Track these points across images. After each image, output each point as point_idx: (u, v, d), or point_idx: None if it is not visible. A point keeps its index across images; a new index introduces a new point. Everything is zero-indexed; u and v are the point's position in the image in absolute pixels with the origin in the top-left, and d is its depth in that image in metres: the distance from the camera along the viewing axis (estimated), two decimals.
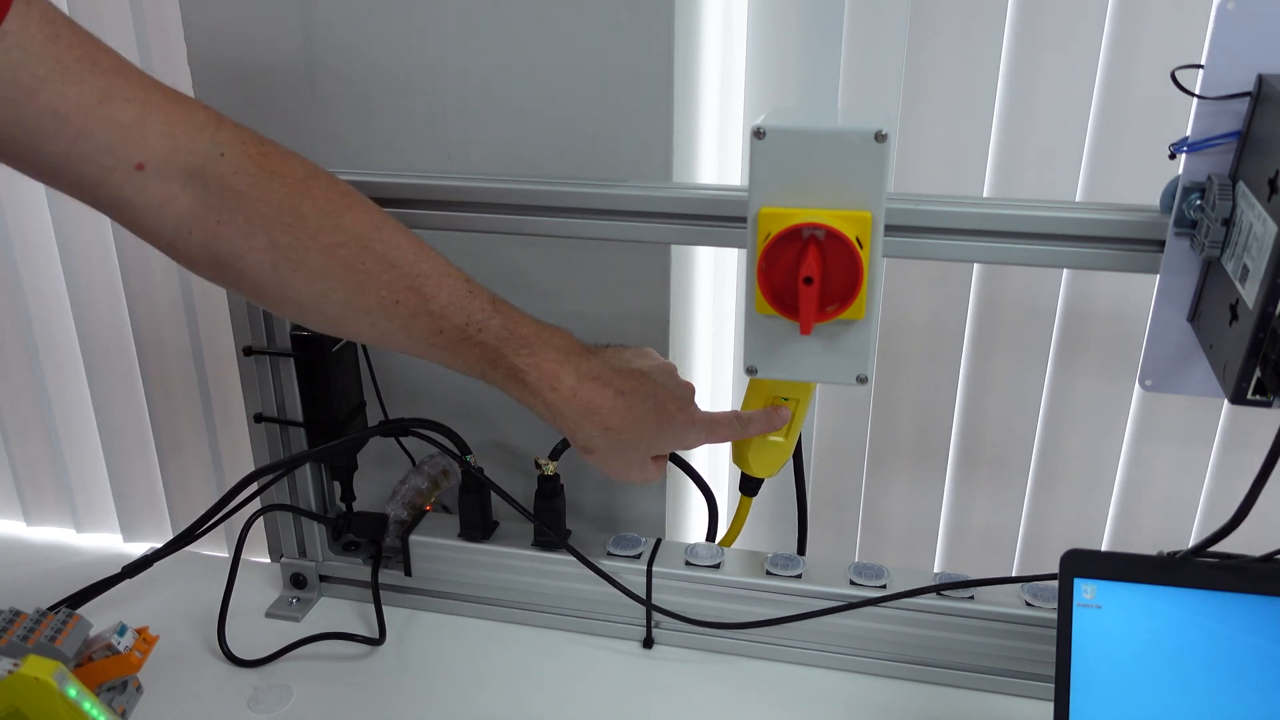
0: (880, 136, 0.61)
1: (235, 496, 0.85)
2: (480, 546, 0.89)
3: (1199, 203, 0.62)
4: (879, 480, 1.04)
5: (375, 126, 0.89)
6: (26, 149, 0.58)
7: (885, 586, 0.82)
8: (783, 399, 0.77)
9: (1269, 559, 0.65)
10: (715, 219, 0.74)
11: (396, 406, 0.98)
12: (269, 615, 0.93)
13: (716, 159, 0.96)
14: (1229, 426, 0.95)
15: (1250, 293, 0.54)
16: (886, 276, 0.94)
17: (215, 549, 1.14)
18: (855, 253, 0.63)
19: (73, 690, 0.63)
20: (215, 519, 0.85)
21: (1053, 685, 0.67)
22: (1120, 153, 0.87)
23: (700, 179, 0.93)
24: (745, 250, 0.66)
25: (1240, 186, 0.59)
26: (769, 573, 0.84)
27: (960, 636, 0.81)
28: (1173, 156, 0.63)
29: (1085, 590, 0.67)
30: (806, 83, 0.91)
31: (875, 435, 1.02)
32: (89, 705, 0.63)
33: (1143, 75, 0.84)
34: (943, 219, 0.70)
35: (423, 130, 0.88)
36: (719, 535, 0.92)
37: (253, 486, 0.87)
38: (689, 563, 0.85)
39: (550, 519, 0.86)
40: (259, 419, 0.89)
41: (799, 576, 0.83)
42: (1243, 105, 0.60)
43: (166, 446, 1.18)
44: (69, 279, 1.12)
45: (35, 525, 1.24)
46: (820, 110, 0.89)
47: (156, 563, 0.85)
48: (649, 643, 0.88)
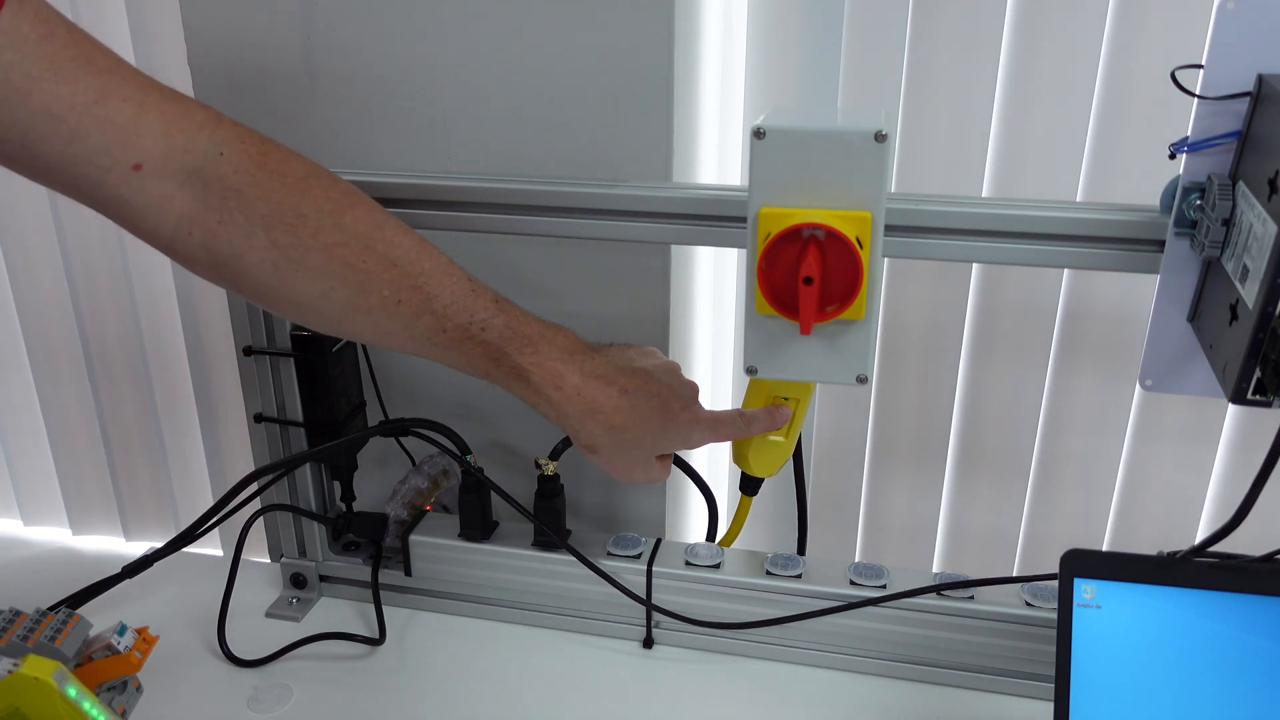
0: (880, 136, 0.61)
1: (235, 496, 0.85)
2: (480, 546, 0.89)
3: (1199, 203, 0.62)
4: (879, 480, 1.04)
5: (375, 126, 0.89)
6: (21, 150, 0.57)
7: (885, 586, 0.82)
8: (783, 399, 0.77)
9: (1269, 559, 0.65)
10: (715, 219, 0.74)
11: (396, 406, 0.98)
12: (269, 615, 0.93)
13: (716, 159, 0.96)
14: (1230, 426, 0.95)
15: (1250, 293, 0.54)
16: (886, 276, 0.94)
17: (215, 549, 1.14)
18: (855, 253, 0.63)
19: (73, 690, 0.63)
20: (215, 519, 0.85)
21: (1053, 685, 0.67)
22: (1120, 153, 0.87)
23: (700, 179, 0.93)
24: (745, 250, 0.66)
25: (1240, 186, 0.59)
26: (769, 573, 0.84)
27: (960, 636, 0.81)
28: (1173, 156, 0.63)
29: (1085, 590, 0.67)
30: (806, 83, 0.91)
31: (875, 435, 1.02)
32: (89, 705, 0.63)
33: (1143, 75, 0.84)
34: (943, 219, 0.70)
35: (423, 130, 0.88)
36: (719, 535, 0.92)
37: (253, 486, 0.87)
38: (689, 563, 0.85)
39: (550, 519, 0.86)
40: (259, 419, 0.89)
41: (799, 576, 0.83)
42: (1243, 105, 0.60)
43: (166, 446, 1.18)
44: (69, 278, 1.12)
45: (33, 525, 1.24)
46: (820, 110, 0.89)
47: (156, 563, 0.85)
48: (649, 643, 0.88)
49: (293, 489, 0.91)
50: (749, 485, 0.85)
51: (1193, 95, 0.61)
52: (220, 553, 1.13)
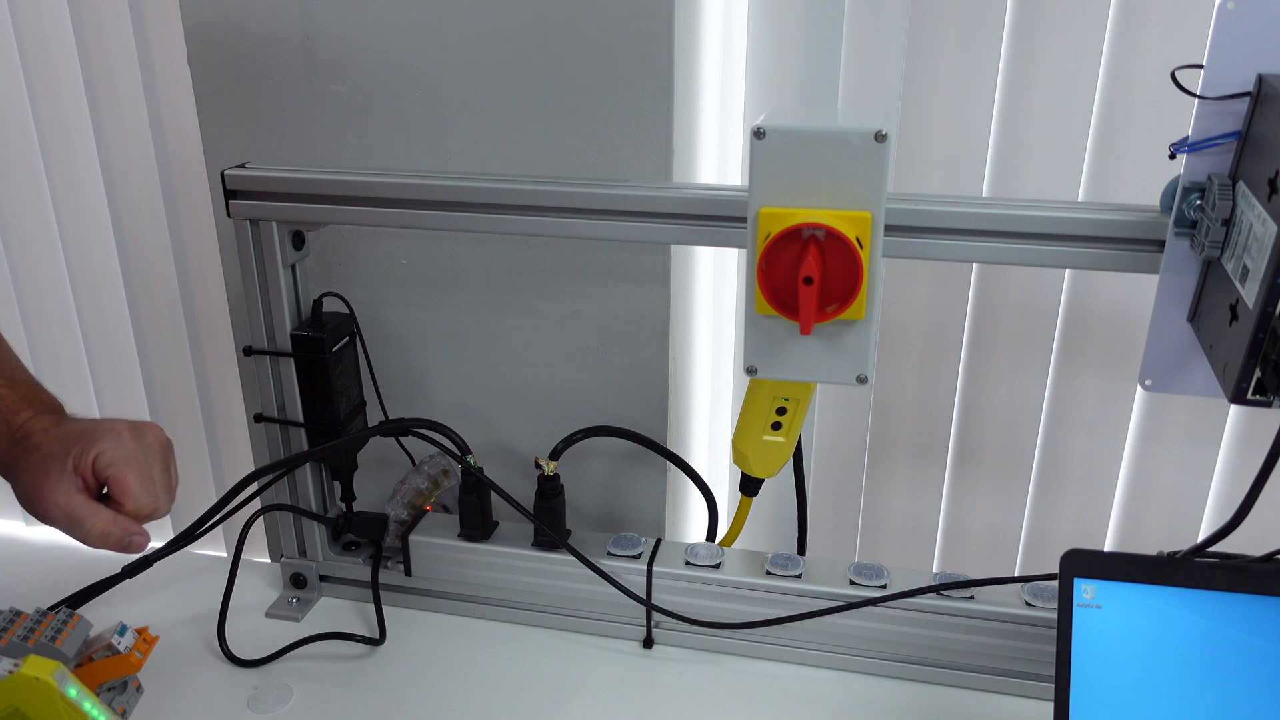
0: (880, 136, 0.61)
1: (235, 496, 0.85)
2: (480, 546, 0.89)
3: (1199, 203, 0.62)
4: (879, 480, 1.04)
5: (375, 126, 0.89)
6: None
7: (885, 586, 0.81)
8: (783, 399, 0.77)
9: (1269, 559, 0.65)
10: (715, 219, 0.74)
11: (396, 406, 0.98)
12: (269, 615, 0.93)
13: (716, 159, 0.96)
14: (1232, 426, 0.95)
15: (1250, 293, 0.54)
16: (886, 276, 0.94)
17: (215, 549, 1.14)
18: (855, 253, 0.63)
19: (73, 690, 0.63)
20: (215, 519, 0.85)
21: (1053, 685, 0.67)
22: (1120, 153, 0.87)
23: (700, 179, 0.93)
24: (745, 250, 0.66)
25: (1240, 186, 0.59)
26: (769, 573, 0.84)
27: (960, 636, 0.81)
28: (1173, 156, 0.63)
29: (1085, 590, 0.67)
30: (806, 83, 0.91)
31: (875, 435, 1.02)
32: (89, 705, 0.63)
33: (1143, 75, 0.84)
34: (943, 219, 0.70)
35: (423, 130, 0.88)
36: (719, 535, 0.92)
37: (253, 487, 0.87)
38: (689, 563, 0.85)
39: (550, 519, 0.86)
40: (259, 419, 0.89)
41: (799, 576, 0.83)
42: (1243, 105, 0.60)
43: None
44: (69, 278, 1.12)
45: (34, 525, 1.23)
46: (820, 110, 0.89)
47: (156, 563, 0.85)
48: (649, 643, 0.88)
49: (293, 489, 0.91)
50: (749, 486, 0.85)
51: (1193, 95, 0.61)
52: (220, 553, 1.13)
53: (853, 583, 0.82)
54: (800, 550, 0.93)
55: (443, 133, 0.88)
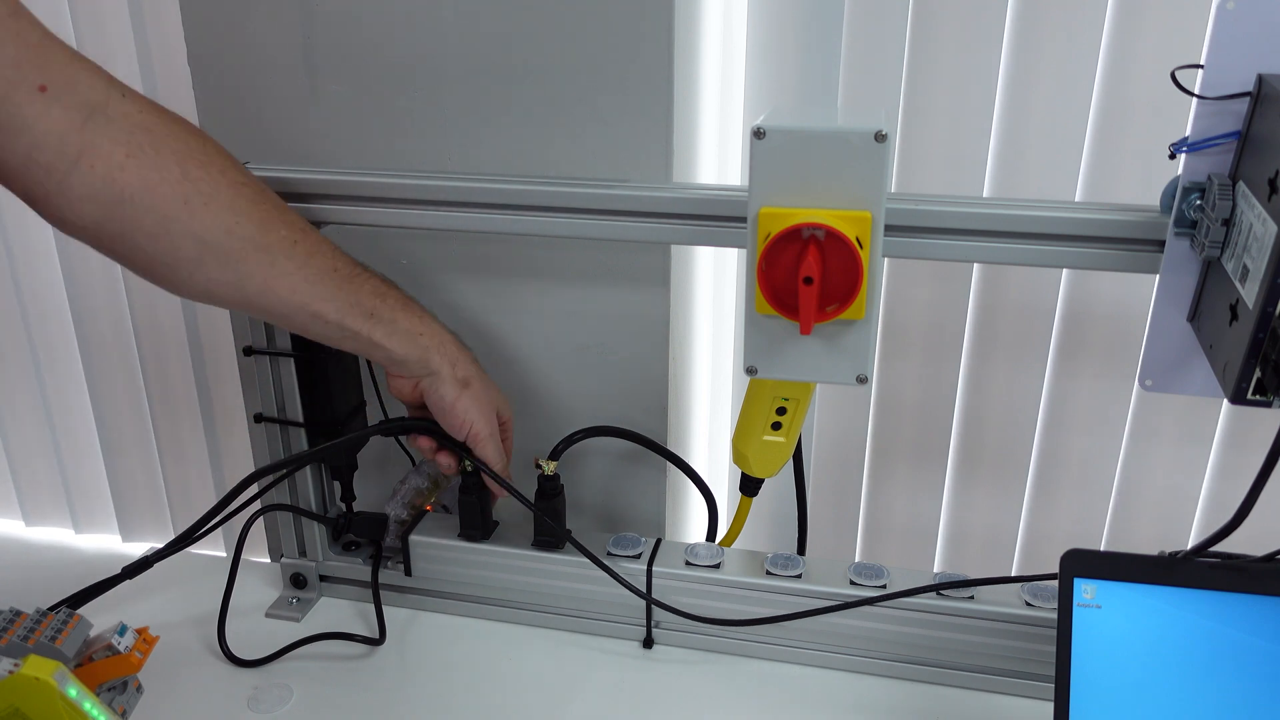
0: (880, 136, 0.61)
1: (236, 497, 0.85)
2: (480, 546, 0.89)
3: (1199, 203, 0.62)
4: (879, 480, 1.04)
5: (375, 126, 0.89)
6: None
7: (885, 586, 0.81)
8: (783, 399, 0.77)
9: (1269, 559, 0.65)
10: (715, 219, 0.74)
11: (396, 406, 0.98)
12: (269, 615, 0.93)
13: (716, 159, 0.96)
14: (1229, 426, 0.95)
15: (1250, 293, 0.54)
16: (886, 276, 0.94)
17: (215, 549, 1.14)
18: (855, 253, 0.63)
19: (73, 690, 0.63)
20: (216, 520, 0.85)
21: (1053, 685, 0.67)
22: (1120, 153, 0.87)
23: (700, 179, 0.93)
24: (745, 250, 0.66)
25: (1240, 186, 0.59)
26: (769, 573, 0.84)
27: (960, 636, 0.81)
28: (1173, 156, 0.63)
29: (1085, 590, 0.67)
30: (806, 83, 0.91)
31: (875, 435, 1.02)
32: (89, 705, 0.63)
33: (1143, 75, 0.84)
34: (943, 219, 0.70)
35: (423, 130, 0.88)
36: (719, 535, 0.92)
37: (254, 488, 0.87)
38: (689, 563, 0.85)
39: (550, 518, 0.86)
40: (259, 419, 0.89)
41: (799, 576, 0.83)
42: (1243, 105, 0.60)
43: (166, 446, 1.18)
44: (68, 278, 1.12)
45: (34, 525, 1.24)
46: (820, 110, 0.89)
47: (156, 563, 0.85)
48: (649, 643, 0.88)
49: (293, 489, 0.91)
50: (749, 486, 0.85)
51: (1193, 95, 0.61)
52: (220, 553, 1.13)
53: (853, 583, 0.82)
54: (800, 550, 0.93)
55: (443, 133, 0.88)
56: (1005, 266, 0.92)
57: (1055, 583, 0.68)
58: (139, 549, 0.89)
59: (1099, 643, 0.66)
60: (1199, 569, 0.66)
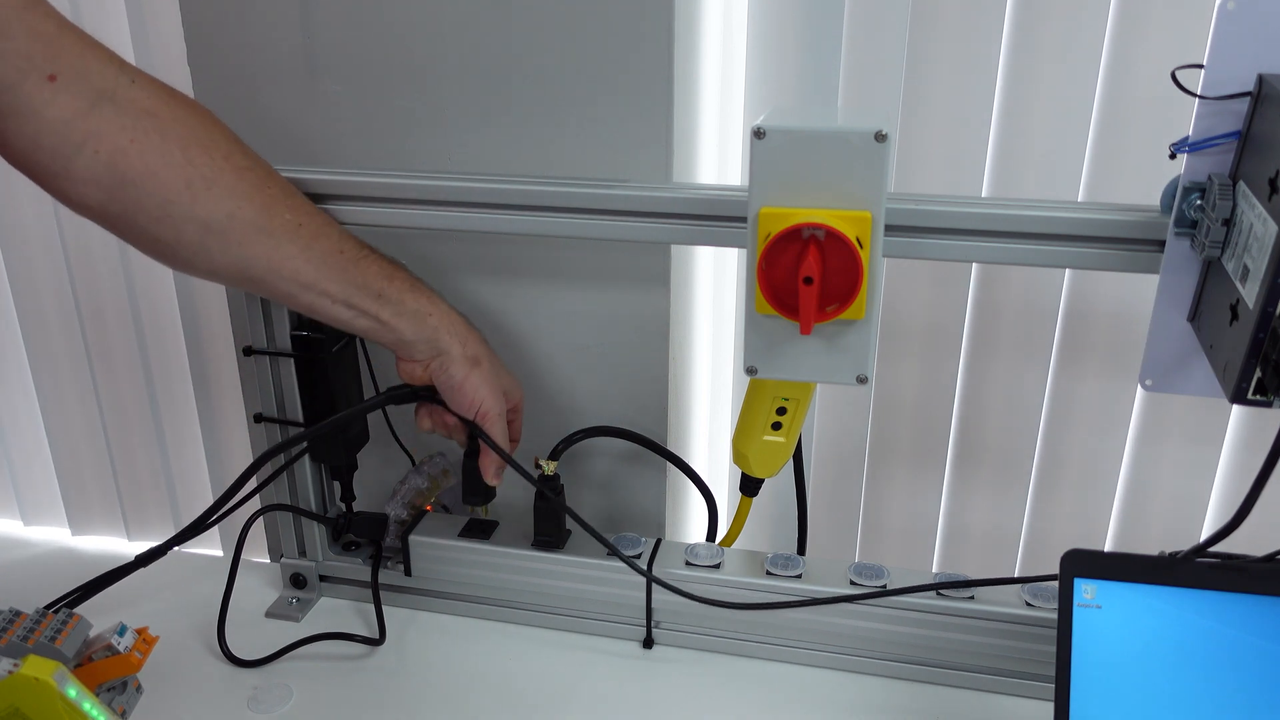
0: (880, 136, 0.61)
1: (242, 486, 0.83)
2: (480, 546, 0.89)
3: (1199, 203, 0.62)
4: (879, 480, 1.04)
5: (375, 126, 0.89)
6: None
7: (885, 586, 0.81)
8: (783, 399, 0.77)
9: (1269, 559, 0.65)
10: (715, 219, 0.74)
11: (395, 411, 0.98)
12: (269, 615, 0.93)
13: (716, 159, 0.96)
14: (1240, 427, 0.95)
15: (1250, 293, 0.54)
16: (886, 276, 0.94)
17: (215, 549, 1.14)
18: (855, 253, 0.63)
19: (73, 690, 0.63)
20: (217, 516, 0.84)
21: (1053, 685, 0.67)
22: (1120, 153, 0.87)
23: (700, 179, 0.93)
24: (745, 250, 0.66)
25: (1240, 186, 0.59)
26: (769, 573, 0.84)
27: (960, 636, 0.81)
28: (1173, 156, 0.63)
29: (1085, 590, 0.67)
30: (806, 83, 0.91)
31: (875, 435, 1.02)
32: (89, 705, 0.63)
33: (1143, 75, 0.84)
34: (943, 219, 0.70)
35: (423, 130, 0.88)
36: (719, 535, 0.92)
37: (253, 483, 0.86)
38: (689, 563, 0.85)
39: (550, 518, 0.86)
40: (259, 419, 0.89)
41: (799, 576, 0.83)
42: (1243, 105, 0.60)
43: (166, 446, 1.18)
44: (69, 278, 1.12)
45: (33, 525, 1.24)
46: (820, 110, 0.89)
47: (156, 563, 0.85)
48: (649, 643, 0.88)
49: (292, 489, 0.91)
50: (749, 486, 0.85)
51: (1193, 95, 0.61)
52: (220, 553, 1.13)
53: (853, 583, 0.82)
54: (800, 550, 0.93)
55: (443, 133, 0.88)
56: (1005, 266, 0.92)
57: (1055, 583, 0.68)
58: (140, 549, 0.89)
59: (1099, 643, 0.66)
60: (1199, 569, 0.66)
